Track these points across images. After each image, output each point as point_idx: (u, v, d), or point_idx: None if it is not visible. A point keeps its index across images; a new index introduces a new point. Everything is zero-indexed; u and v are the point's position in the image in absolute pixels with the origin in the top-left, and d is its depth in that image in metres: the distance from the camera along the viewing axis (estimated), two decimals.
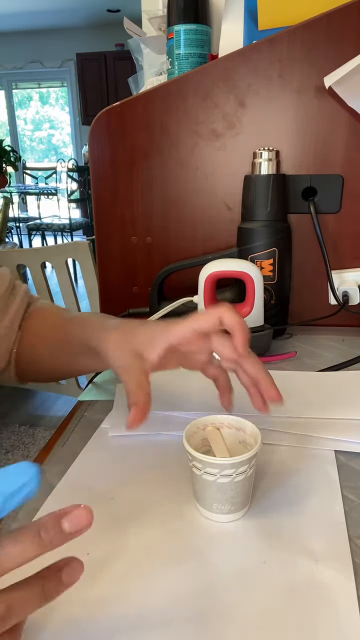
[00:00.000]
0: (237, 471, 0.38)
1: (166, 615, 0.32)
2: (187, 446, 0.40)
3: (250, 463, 0.39)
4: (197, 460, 0.39)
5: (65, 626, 0.31)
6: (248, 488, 0.41)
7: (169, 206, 0.85)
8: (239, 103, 0.78)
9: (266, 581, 0.35)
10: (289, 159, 0.80)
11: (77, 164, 5.18)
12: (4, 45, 6.32)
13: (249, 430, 0.43)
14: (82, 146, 6.61)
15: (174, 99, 0.80)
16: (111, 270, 0.90)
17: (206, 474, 0.39)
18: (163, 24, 0.95)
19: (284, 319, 0.82)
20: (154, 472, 0.47)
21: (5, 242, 2.39)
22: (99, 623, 0.32)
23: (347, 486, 0.45)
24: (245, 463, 0.38)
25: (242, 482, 0.39)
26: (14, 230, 5.22)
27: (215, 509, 0.40)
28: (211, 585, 0.34)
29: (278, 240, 0.77)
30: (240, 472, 0.38)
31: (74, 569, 0.29)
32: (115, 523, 0.41)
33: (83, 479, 0.46)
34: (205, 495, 0.40)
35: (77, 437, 0.54)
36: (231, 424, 0.44)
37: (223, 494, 0.39)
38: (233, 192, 0.82)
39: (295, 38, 0.74)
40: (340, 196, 0.79)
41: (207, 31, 0.86)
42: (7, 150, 4.02)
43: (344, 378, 0.64)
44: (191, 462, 0.40)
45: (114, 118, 0.82)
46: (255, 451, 0.39)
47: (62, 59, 6.37)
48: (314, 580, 0.35)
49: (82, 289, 1.72)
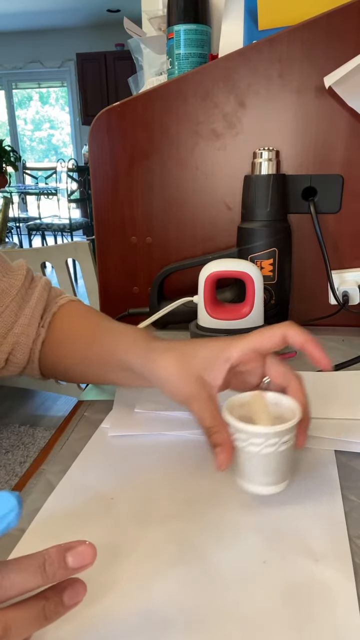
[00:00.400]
0: (282, 440, 0.39)
1: (166, 615, 0.32)
2: (229, 418, 0.40)
3: (293, 432, 0.40)
4: (242, 432, 0.39)
5: (65, 626, 0.31)
6: (290, 459, 0.41)
7: (169, 206, 0.85)
8: (239, 103, 0.78)
9: (266, 581, 0.35)
10: (289, 159, 0.80)
11: (77, 164, 5.18)
12: (4, 45, 6.32)
13: (285, 403, 0.43)
14: (82, 146, 6.61)
15: (174, 99, 0.80)
16: (111, 270, 0.90)
17: (251, 445, 0.39)
18: (163, 24, 0.95)
19: (284, 319, 0.82)
20: (154, 472, 0.47)
21: (5, 242, 2.39)
22: (99, 623, 0.32)
23: (347, 486, 0.45)
24: (289, 432, 0.39)
25: (286, 452, 0.40)
26: (14, 230, 5.22)
27: (259, 482, 0.41)
28: (211, 585, 0.34)
29: (278, 240, 0.77)
30: (284, 441, 0.39)
31: (77, 591, 0.28)
32: (115, 523, 0.41)
33: (83, 479, 0.46)
34: (249, 467, 0.40)
35: (77, 437, 0.54)
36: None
37: (267, 465, 0.40)
38: (233, 192, 0.82)
39: (295, 38, 0.74)
40: (340, 196, 0.79)
41: (207, 31, 0.86)
42: (7, 150, 4.03)
43: (344, 378, 0.64)
44: (233, 435, 0.40)
45: (114, 118, 0.82)
46: (298, 419, 0.40)
47: (62, 59, 6.37)
48: (314, 580, 0.35)
49: (82, 289, 1.72)
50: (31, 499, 0.44)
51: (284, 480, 0.42)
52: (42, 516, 0.41)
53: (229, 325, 0.71)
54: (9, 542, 0.39)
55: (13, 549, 0.38)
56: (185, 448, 0.51)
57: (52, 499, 0.44)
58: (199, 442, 0.51)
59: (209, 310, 0.72)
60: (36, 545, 0.38)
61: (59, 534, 0.39)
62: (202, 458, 0.49)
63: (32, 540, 0.39)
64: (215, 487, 0.45)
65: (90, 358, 0.56)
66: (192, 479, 0.46)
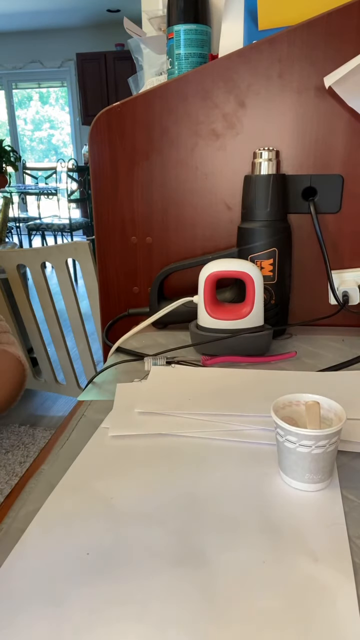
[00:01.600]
0: (330, 442, 0.42)
1: (166, 615, 0.32)
2: (279, 421, 0.43)
3: (339, 435, 0.43)
4: (293, 434, 0.42)
5: (65, 626, 0.31)
6: (334, 458, 0.44)
7: (169, 206, 0.85)
8: (239, 103, 0.78)
9: (266, 581, 0.35)
10: (289, 159, 0.80)
11: (77, 164, 5.18)
12: (4, 45, 6.31)
13: (326, 405, 0.47)
14: (82, 146, 6.61)
15: (174, 99, 0.80)
16: (111, 270, 0.90)
17: (301, 446, 0.42)
18: (163, 24, 0.95)
19: (284, 319, 0.82)
20: (154, 472, 0.47)
21: (5, 242, 2.39)
22: (99, 623, 0.32)
23: (347, 486, 0.45)
24: (336, 435, 0.42)
25: (332, 452, 0.43)
26: (14, 230, 5.22)
27: (307, 479, 0.44)
28: (211, 585, 0.34)
29: (278, 240, 0.77)
30: (332, 442, 0.42)
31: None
32: (115, 523, 0.41)
33: (83, 479, 0.46)
34: (298, 466, 0.43)
35: (77, 437, 0.54)
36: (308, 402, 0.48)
37: (317, 464, 0.43)
38: (233, 192, 0.82)
39: (295, 38, 0.74)
40: (340, 196, 0.79)
41: (207, 31, 0.86)
42: (7, 150, 4.02)
43: (344, 378, 0.64)
44: (283, 437, 0.43)
45: (114, 118, 0.82)
46: (343, 423, 0.43)
47: (62, 59, 6.36)
48: (314, 580, 0.35)
49: (82, 289, 1.72)
50: (31, 499, 0.44)
51: (329, 477, 0.45)
52: (42, 516, 0.41)
53: (229, 325, 0.71)
54: (9, 542, 0.39)
55: (13, 549, 0.38)
56: (185, 448, 0.51)
57: (52, 499, 0.44)
58: (199, 442, 0.51)
59: (209, 310, 0.72)
60: (36, 545, 0.38)
61: (59, 534, 0.39)
62: (202, 458, 0.49)
63: (32, 540, 0.39)
64: (215, 487, 0.45)
65: None
66: (192, 479, 0.46)
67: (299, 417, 0.47)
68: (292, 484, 0.45)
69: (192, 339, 0.74)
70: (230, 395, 0.59)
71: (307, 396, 0.48)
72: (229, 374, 0.65)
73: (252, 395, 0.58)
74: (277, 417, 0.44)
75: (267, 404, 0.49)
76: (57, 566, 0.36)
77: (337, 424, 0.43)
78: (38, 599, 0.34)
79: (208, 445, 0.51)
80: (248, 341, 0.71)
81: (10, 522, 0.41)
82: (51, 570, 0.36)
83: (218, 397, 0.57)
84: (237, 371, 0.66)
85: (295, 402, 0.48)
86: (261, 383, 0.62)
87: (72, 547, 0.38)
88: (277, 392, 0.50)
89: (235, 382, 0.62)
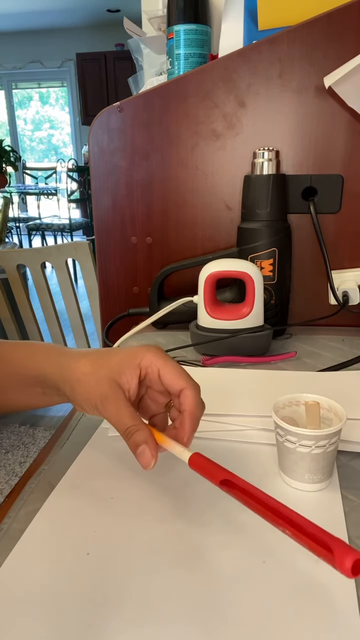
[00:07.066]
0: (330, 442, 0.42)
1: (166, 615, 0.32)
2: (279, 421, 0.43)
3: (339, 435, 0.43)
4: (292, 434, 0.42)
5: (65, 626, 0.31)
6: (334, 458, 0.45)
7: (169, 206, 0.85)
8: (239, 103, 0.78)
9: (266, 581, 0.35)
10: (289, 159, 0.80)
11: (77, 164, 5.18)
12: (4, 45, 6.31)
13: (326, 405, 0.47)
14: (82, 146, 6.61)
15: (174, 99, 0.80)
16: (111, 270, 0.90)
17: (301, 446, 0.42)
18: (163, 24, 0.95)
19: (284, 319, 0.82)
20: (154, 472, 0.47)
21: (5, 242, 2.39)
22: (99, 623, 0.32)
23: (347, 486, 0.45)
24: (336, 435, 0.42)
25: (332, 452, 0.43)
26: (14, 230, 5.22)
27: (307, 479, 0.43)
28: (211, 585, 0.34)
29: (278, 240, 0.77)
30: (332, 442, 0.42)
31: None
32: (115, 523, 0.41)
33: (83, 479, 0.46)
34: (298, 466, 0.43)
35: (77, 437, 0.54)
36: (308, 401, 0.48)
37: (317, 464, 0.43)
38: (233, 192, 0.82)
39: (295, 38, 0.74)
40: (340, 196, 0.79)
41: (207, 31, 0.86)
42: (7, 150, 4.02)
43: (344, 378, 0.64)
44: (283, 437, 0.43)
45: (114, 118, 0.82)
46: (343, 423, 0.43)
47: (62, 59, 6.36)
48: (314, 580, 0.35)
49: (82, 289, 1.72)
50: (31, 499, 0.44)
51: (329, 477, 0.45)
52: (42, 516, 0.41)
53: (229, 325, 0.71)
54: (9, 542, 0.39)
55: (13, 549, 0.38)
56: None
57: (52, 499, 0.44)
58: (199, 442, 0.51)
59: (209, 310, 0.72)
60: (36, 545, 0.38)
61: (59, 534, 0.39)
62: None
63: (32, 540, 0.39)
64: (215, 487, 0.45)
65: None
66: (192, 478, 0.46)
67: (299, 417, 0.47)
68: (292, 484, 0.44)
69: (192, 339, 0.74)
70: (230, 395, 0.59)
71: (307, 396, 0.48)
72: (229, 374, 0.65)
73: (252, 395, 0.58)
74: (277, 417, 0.44)
75: (267, 404, 0.49)
76: (57, 566, 0.36)
77: (337, 424, 0.43)
78: (38, 599, 0.34)
79: (208, 445, 0.51)
80: (248, 341, 0.71)
81: (10, 522, 0.41)
82: (51, 571, 0.36)
83: (218, 397, 0.57)
84: (237, 371, 0.66)
85: (295, 402, 0.48)
86: (261, 383, 0.62)
87: (72, 547, 0.38)
88: (277, 392, 0.50)
89: (235, 382, 0.62)
